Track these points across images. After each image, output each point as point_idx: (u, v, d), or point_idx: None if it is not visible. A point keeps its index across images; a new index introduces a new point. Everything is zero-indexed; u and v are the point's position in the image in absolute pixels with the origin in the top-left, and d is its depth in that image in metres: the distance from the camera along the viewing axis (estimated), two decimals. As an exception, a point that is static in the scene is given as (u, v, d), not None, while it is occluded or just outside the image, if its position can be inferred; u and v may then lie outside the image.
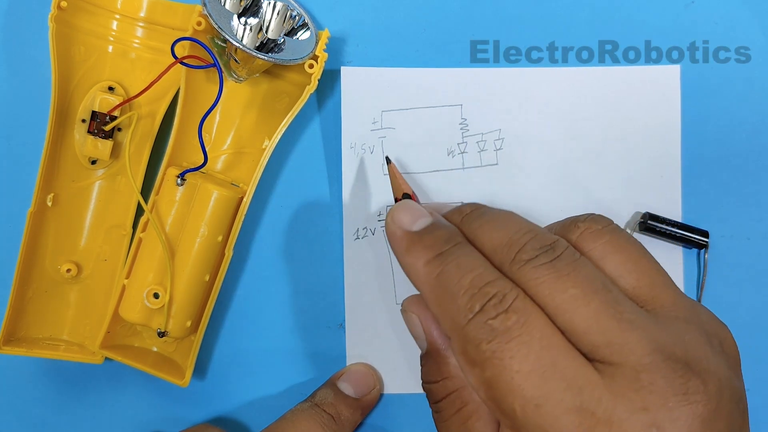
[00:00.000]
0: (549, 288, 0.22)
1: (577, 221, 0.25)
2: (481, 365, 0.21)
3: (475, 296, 0.22)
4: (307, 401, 0.34)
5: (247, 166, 0.35)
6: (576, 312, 0.21)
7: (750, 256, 0.36)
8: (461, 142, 0.35)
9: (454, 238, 0.25)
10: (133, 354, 0.34)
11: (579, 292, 0.22)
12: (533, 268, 0.22)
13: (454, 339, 0.23)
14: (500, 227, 0.24)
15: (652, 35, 0.36)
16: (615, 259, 0.23)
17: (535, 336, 0.21)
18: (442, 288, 0.23)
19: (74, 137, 0.34)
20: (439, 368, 0.26)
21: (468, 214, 0.26)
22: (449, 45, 0.36)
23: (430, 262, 0.24)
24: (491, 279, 0.22)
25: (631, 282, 0.23)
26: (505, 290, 0.22)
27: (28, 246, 0.33)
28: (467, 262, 0.23)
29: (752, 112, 0.36)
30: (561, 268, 0.22)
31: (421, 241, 0.25)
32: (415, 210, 0.27)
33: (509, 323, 0.21)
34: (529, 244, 0.23)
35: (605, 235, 0.24)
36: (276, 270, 0.36)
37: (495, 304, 0.22)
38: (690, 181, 0.36)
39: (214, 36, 0.33)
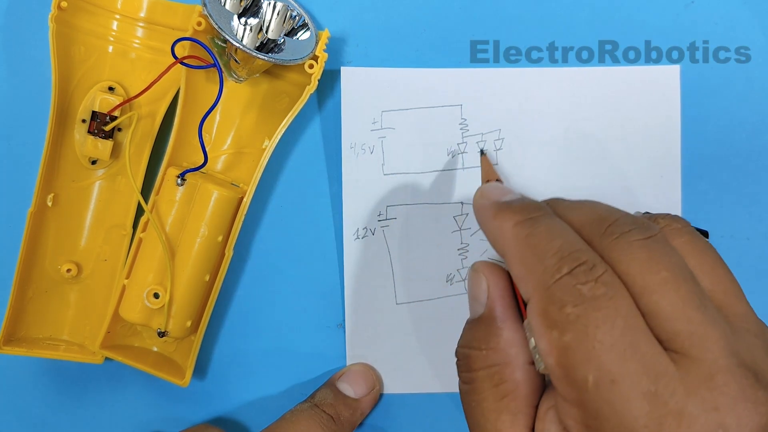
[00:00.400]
0: (641, 266, 0.21)
1: (657, 217, 0.25)
2: (562, 328, 0.21)
3: (565, 259, 0.21)
4: (307, 401, 0.34)
5: (247, 166, 0.35)
6: (665, 295, 0.21)
7: (750, 256, 0.36)
8: (461, 142, 0.35)
9: (544, 209, 0.24)
10: (133, 354, 0.34)
11: (670, 276, 0.21)
12: (627, 243, 0.22)
13: (535, 299, 0.22)
14: (590, 206, 0.24)
15: (652, 35, 0.36)
16: (693, 259, 0.23)
17: (621, 312, 0.20)
18: (531, 248, 0.23)
19: (74, 137, 0.34)
20: (489, 337, 0.25)
21: (553, 200, 0.26)
22: (449, 45, 0.36)
23: (519, 223, 0.24)
24: (581, 247, 0.22)
25: (708, 285, 0.23)
26: (595, 261, 0.21)
27: (28, 246, 0.33)
28: (558, 227, 0.23)
29: (752, 112, 0.36)
30: (655, 248, 0.22)
31: (511, 207, 0.25)
32: (505, 188, 0.27)
33: (598, 292, 0.21)
34: (622, 219, 0.23)
35: (685, 234, 0.24)
36: (276, 270, 0.36)
37: (585, 271, 0.21)
38: (690, 181, 0.36)
39: (214, 36, 0.33)
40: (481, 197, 0.27)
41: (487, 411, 0.24)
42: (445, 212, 0.35)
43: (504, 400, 0.24)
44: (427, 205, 0.35)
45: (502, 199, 0.26)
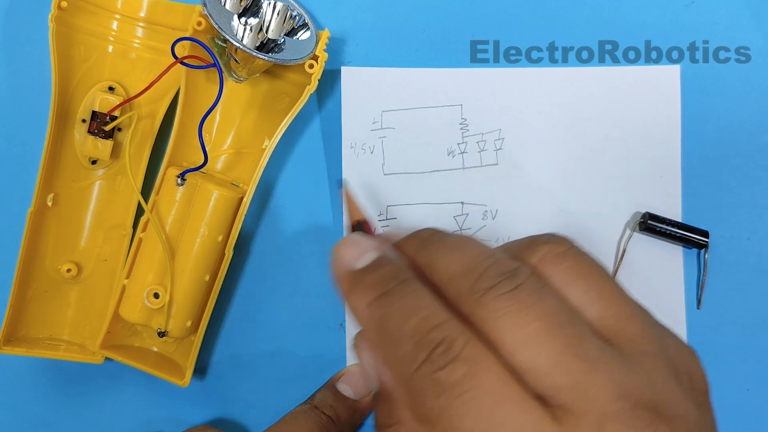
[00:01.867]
0: (510, 321, 0.20)
1: (537, 242, 0.23)
2: (430, 424, 0.19)
3: (420, 343, 0.20)
4: (307, 403, 0.34)
5: (247, 166, 0.35)
6: (539, 349, 0.19)
7: (750, 256, 0.36)
8: (461, 142, 0.35)
9: (400, 275, 0.22)
10: (133, 354, 0.34)
11: (542, 326, 0.19)
12: (493, 299, 0.20)
13: (400, 390, 0.21)
14: (458, 252, 0.22)
15: (652, 35, 0.36)
16: (579, 287, 0.21)
17: (487, 389, 0.19)
18: (386, 333, 0.21)
19: (74, 137, 0.34)
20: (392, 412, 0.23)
21: (425, 239, 0.24)
22: (449, 45, 0.36)
23: (372, 303, 0.21)
24: (438, 322, 0.20)
25: (595, 312, 0.21)
26: (454, 335, 0.20)
27: (28, 246, 0.33)
28: (412, 302, 0.21)
29: (752, 112, 0.36)
30: (523, 298, 0.20)
31: (364, 280, 0.22)
32: (361, 244, 0.24)
33: (458, 375, 0.19)
34: (489, 270, 0.21)
35: (568, 259, 0.22)
36: (276, 270, 0.36)
37: (442, 353, 0.19)
38: (690, 181, 0.36)
39: (214, 36, 0.33)
40: (335, 260, 0.24)
41: None
42: (445, 212, 0.35)
43: None
44: (427, 205, 0.35)
45: (356, 266, 0.23)
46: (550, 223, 0.35)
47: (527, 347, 0.19)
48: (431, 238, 0.24)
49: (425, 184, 0.35)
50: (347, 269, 0.23)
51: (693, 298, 0.35)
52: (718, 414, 0.22)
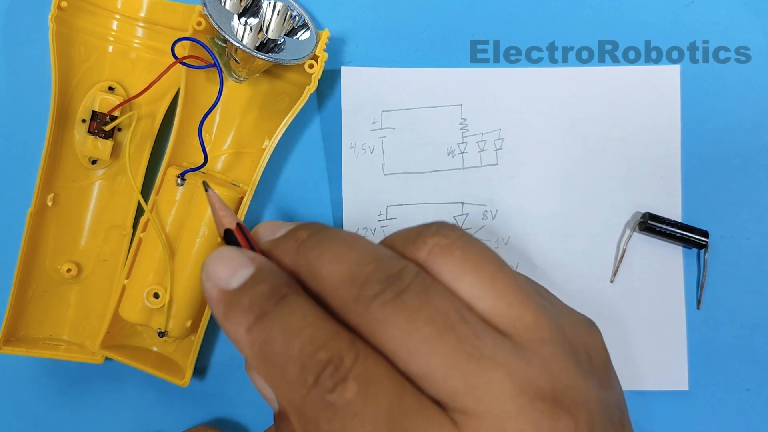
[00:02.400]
0: (399, 330, 0.19)
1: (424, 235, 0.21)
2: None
3: (307, 366, 0.18)
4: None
5: (247, 166, 0.35)
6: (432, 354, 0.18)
7: (750, 256, 0.36)
8: (461, 142, 0.35)
9: (278, 291, 0.20)
10: (133, 354, 0.34)
11: (432, 330, 0.18)
12: (380, 307, 0.19)
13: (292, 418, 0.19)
14: (341, 256, 0.20)
15: (652, 35, 0.36)
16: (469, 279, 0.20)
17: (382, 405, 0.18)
18: (270, 359, 0.19)
19: (74, 137, 0.34)
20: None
21: (304, 241, 0.21)
22: (449, 45, 0.36)
23: (251, 328, 0.20)
24: (324, 340, 0.19)
25: (488, 304, 0.20)
26: (341, 352, 0.19)
27: (28, 246, 0.33)
28: (294, 321, 0.19)
29: (752, 112, 0.36)
30: (410, 303, 0.19)
31: (240, 302, 0.20)
32: (233, 259, 0.21)
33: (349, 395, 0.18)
34: (373, 276, 0.19)
35: (455, 250, 0.21)
36: (276, 270, 0.36)
37: (331, 373, 0.18)
38: (690, 181, 0.36)
39: (214, 36, 0.33)
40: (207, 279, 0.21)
41: None
42: (445, 212, 0.35)
43: None
44: (427, 205, 0.35)
45: (231, 285, 0.21)
46: (550, 223, 0.35)
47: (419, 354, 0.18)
48: (309, 240, 0.22)
49: (425, 184, 0.35)
50: (220, 290, 0.21)
51: (693, 298, 0.35)
52: (717, 414, 0.22)
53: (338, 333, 0.19)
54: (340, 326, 0.19)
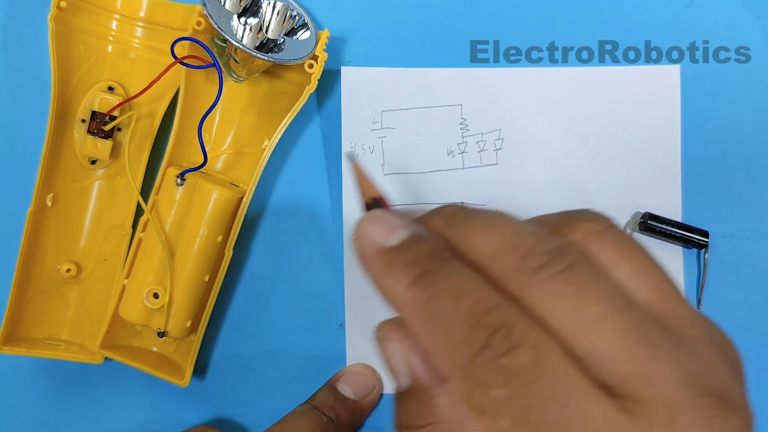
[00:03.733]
0: (568, 304, 0.18)
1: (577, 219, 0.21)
2: (494, 415, 0.18)
3: (478, 327, 0.18)
4: (307, 403, 0.33)
5: (247, 166, 0.35)
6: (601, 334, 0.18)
7: (750, 256, 0.36)
8: (461, 142, 0.35)
9: (440, 253, 0.20)
10: (133, 354, 0.34)
11: (603, 309, 0.18)
12: (545, 280, 0.18)
13: (455, 381, 0.19)
14: (494, 229, 0.20)
15: (652, 35, 0.36)
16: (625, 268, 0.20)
17: (555, 377, 0.17)
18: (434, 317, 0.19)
19: (74, 137, 0.34)
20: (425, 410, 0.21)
21: (452, 216, 0.22)
22: (449, 45, 0.36)
23: (414, 284, 0.20)
24: (494, 304, 0.18)
25: (644, 294, 0.20)
26: (513, 318, 0.18)
27: (28, 246, 0.33)
28: (460, 282, 0.19)
29: (752, 112, 0.36)
30: (578, 278, 0.18)
31: (399, 258, 0.20)
32: (389, 221, 0.21)
33: (523, 362, 0.17)
34: (536, 248, 0.19)
35: (609, 237, 0.20)
36: (276, 270, 0.36)
37: (504, 337, 0.18)
38: (690, 181, 0.36)
39: (214, 36, 0.33)
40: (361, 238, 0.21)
41: None
42: (445, 212, 0.35)
43: None
44: (427, 205, 0.35)
45: (387, 243, 0.21)
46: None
47: (588, 333, 0.18)
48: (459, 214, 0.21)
49: (425, 184, 0.35)
50: (377, 248, 0.21)
51: (693, 298, 0.35)
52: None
53: (506, 302, 0.18)
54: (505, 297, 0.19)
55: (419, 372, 0.21)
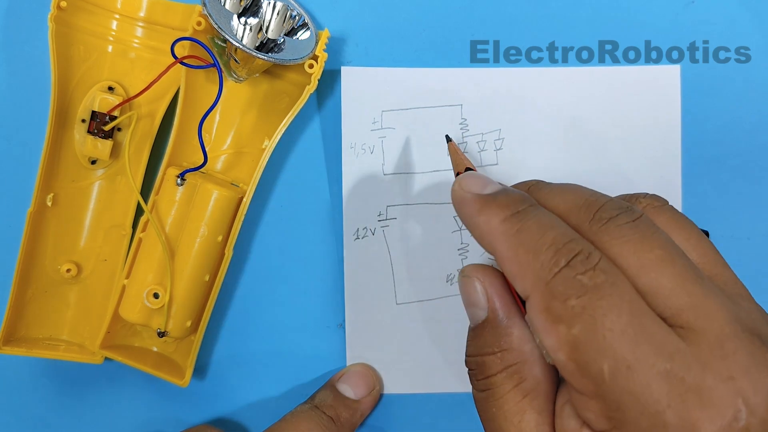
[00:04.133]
0: (634, 246, 0.21)
1: (638, 196, 0.25)
2: (568, 321, 0.20)
3: (560, 251, 0.21)
4: (307, 403, 0.34)
5: (247, 166, 0.35)
6: (662, 272, 0.21)
7: (750, 256, 0.36)
8: (461, 142, 0.35)
9: (529, 200, 0.24)
10: (133, 354, 0.34)
11: (664, 253, 0.21)
12: (616, 227, 0.22)
13: (536, 295, 0.22)
14: (572, 191, 0.25)
15: (652, 35, 0.36)
16: (679, 235, 0.23)
17: (625, 297, 0.20)
18: (523, 244, 0.22)
19: (74, 137, 0.34)
20: (498, 339, 0.24)
21: (534, 185, 0.26)
22: (449, 45, 0.36)
23: (507, 219, 0.23)
24: (574, 237, 0.22)
25: (695, 258, 0.23)
26: (590, 249, 0.21)
27: (28, 246, 0.33)
28: (547, 220, 0.23)
29: (752, 112, 0.36)
30: (643, 229, 0.22)
31: (496, 201, 0.24)
32: (484, 178, 0.26)
33: (599, 280, 0.20)
34: (608, 204, 0.23)
35: (666, 212, 0.24)
36: (276, 270, 0.36)
37: (582, 260, 0.21)
38: (690, 181, 0.36)
39: (214, 36, 0.33)
40: (460, 189, 0.26)
41: (509, 413, 0.23)
42: (445, 212, 0.35)
43: (527, 398, 0.23)
44: (427, 205, 0.35)
45: (485, 192, 0.25)
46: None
47: (650, 271, 0.21)
48: (540, 183, 0.27)
49: (425, 184, 0.35)
50: (475, 194, 0.25)
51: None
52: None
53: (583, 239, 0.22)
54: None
55: (496, 304, 0.25)
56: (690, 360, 0.20)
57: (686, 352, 0.20)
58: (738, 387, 0.19)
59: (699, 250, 0.24)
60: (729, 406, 0.19)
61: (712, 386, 0.19)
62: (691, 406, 0.19)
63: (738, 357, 0.20)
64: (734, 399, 0.19)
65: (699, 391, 0.19)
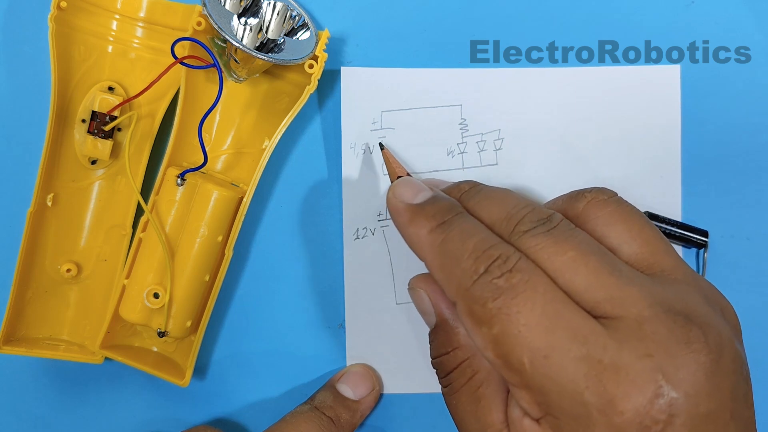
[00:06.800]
0: (548, 252, 0.23)
1: (584, 192, 0.26)
2: (488, 323, 0.22)
3: (480, 258, 0.23)
4: (307, 404, 0.34)
5: (247, 166, 0.35)
6: (576, 271, 0.22)
7: (750, 256, 0.36)
8: (461, 142, 0.35)
9: (456, 209, 0.26)
10: (133, 354, 0.34)
11: (577, 254, 0.22)
12: (532, 237, 0.23)
13: (460, 301, 0.23)
14: (498, 203, 0.26)
15: (652, 35, 0.36)
16: (619, 228, 0.24)
17: (539, 291, 0.22)
18: (447, 254, 0.24)
19: (74, 137, 0.34)
20: (449, 339, 0.26)
21: (466, 192, 0.27)
22: (449, 45, 0.36)
23: (433, 230, 0.25)
24: (494, 243, 0.23)
25: (633, 249, 0.24)
26: (508, 252, 0.23)
27: (28, 246, 0.33)
28: (470, 228, 0.24)
29: (752, 112, 0.36)
30: (558, 235, 0.23)
31: (424, 211, 0.26)
32: (416, 185, 0.28)
33: (514, 281, 0.22)
34: (527, 217, 0.24)
35: (610, 204, 0.25)
36: (276, 270, 0.36)
37: (499, 265, 0.22)
38: (690, 181, 0.36)
39: (214, 36, 0.33)
40: (394, 197, 0.27)
41: (466, 404, 0.25)
42: (445, 212, 0.35)
43: (480, 389, 0.25)
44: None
45: (415, 201, 0.27)
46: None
47: (565, 272, 0.22)
48: (473, 189, 0.28)
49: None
50: (406, 204, 0.27)
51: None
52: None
53: (504, 242, 0.23)
54: None
55: (441, 309, 0.27)
56: (606, 341, 0.21)
57: (602, 334, 0.21)
58: (656, 363, 0.20)
59: (639, 240, 0.24)
60: (648, 382, 0.20)
61: (629, 363, 0.20)
62: (609, 384, 0.20)
63: (656, 336, 0.20)
64: (653, 375, 0.20)
65: (616, 369, 0.20)
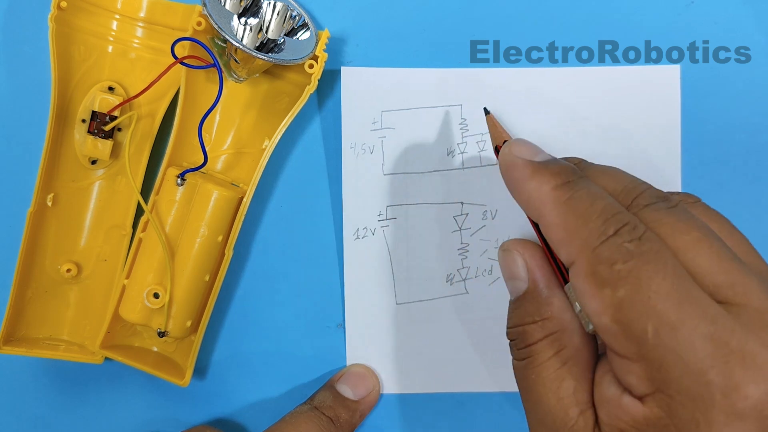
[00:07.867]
0: (672, 229, 0.22)
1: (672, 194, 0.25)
2: (614, 284, 0.21)
3: (609, 220, 0.22)
4: (307, 404, 0.34)
5: (247, 166, 0.35)
6: (698, 252, 0.22)
7: (750, 256, 0.36)
8: (461, 142, 0.35)
9: (579, 172, 0.25)
10: (133, 354, 0.34)
11: (701, 235, 0.22)
12: (654, 211, 0.23)
13: (582, 260, 0.22)
14: (613, 176, 0.25)
15: (652, 35, 0.36)
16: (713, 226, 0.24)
17: (669, 264, 0.21)
18: (573, 211, 0.23)
19: (74, 137, 0.34)
20: (539, 308, 0.25)
21: (579, 162, 0.27)
22: (449, 45, 0.36)
23: (558, 187, 0.24)
24: (622, 210, 0.23)
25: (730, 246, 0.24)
26: (636, 222, 0.22)
27: (28, 246, 0.33)
28: (596, 191, 0.24)
29: (752, 112, 0.36)
30: (679, 214, 0.23)
31: (548, 168, 0.25)
32: (534, 146, 0.27)
33: (644, 248, 0.21)
34: (647, 192, 0.24)
35: (700, 206, 0.25)
36: (276, 270, 0.36)
37: (629, 230, 0.22)
38: (690, 181, 0.36)
39: (214, 36, 0.33)
40: (510, 153, 0.26)
41: (548, 380, 0.24)
42: (445, 212, 0.35)
43: (565, 366, 0.24)
44: (427, 205, 0.35)
45: (536, 159, 0.26)
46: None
47: (688, 251, 0.22)
48: (585, 162, 0.28)
49: (425, 184, 0.35)
50: (525, 160, 0.26)
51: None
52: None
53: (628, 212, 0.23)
54: None
55: (536, 275, 0.26)
56: (733, 325, 0.20)
57: (729, 318, 0.20)
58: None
59: (732, 240, 0.24)
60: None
61: (756, 351, 0.20)
62: (735, 367, 0.20)
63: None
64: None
65: (743, 355, 0.20)
